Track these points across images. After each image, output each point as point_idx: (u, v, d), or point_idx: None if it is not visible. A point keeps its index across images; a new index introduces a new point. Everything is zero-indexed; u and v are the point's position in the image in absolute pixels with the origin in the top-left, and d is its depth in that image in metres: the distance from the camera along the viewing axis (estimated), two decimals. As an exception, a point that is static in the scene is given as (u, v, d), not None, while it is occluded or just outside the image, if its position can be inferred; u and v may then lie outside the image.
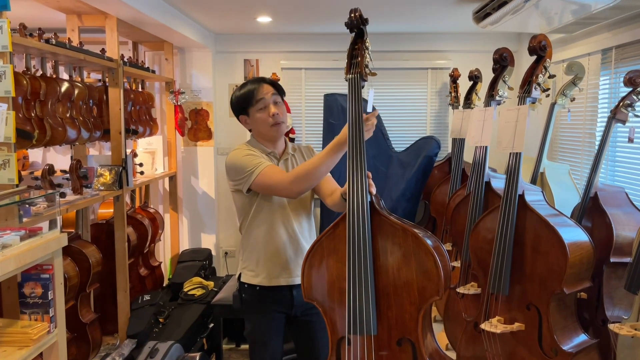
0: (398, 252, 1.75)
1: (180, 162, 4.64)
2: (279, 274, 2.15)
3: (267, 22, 4.10)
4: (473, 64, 3.99)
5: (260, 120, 2.13)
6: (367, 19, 1.88)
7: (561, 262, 2.20)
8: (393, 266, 1.75)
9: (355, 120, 1.85)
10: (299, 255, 2.16)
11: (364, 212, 1.76)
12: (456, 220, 3.05)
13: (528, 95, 2.36)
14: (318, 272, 1.87)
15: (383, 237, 1.78)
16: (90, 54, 2.89)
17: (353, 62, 1.92)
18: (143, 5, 3.16)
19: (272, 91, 2.14)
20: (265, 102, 2.11)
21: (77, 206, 2.75)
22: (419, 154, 4.15)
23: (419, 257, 1.72)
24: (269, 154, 2.17)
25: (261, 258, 2.15)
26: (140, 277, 3.85)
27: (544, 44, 2.37)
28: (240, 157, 2.10)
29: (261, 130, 2.16)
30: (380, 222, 1.79)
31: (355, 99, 1.88)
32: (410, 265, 1.73)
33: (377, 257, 1.78)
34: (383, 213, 1.79)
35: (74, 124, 2.80)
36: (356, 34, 1.94)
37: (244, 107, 2.15)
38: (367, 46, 1.90)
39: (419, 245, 1.72)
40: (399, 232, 1.76)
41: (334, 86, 4.59)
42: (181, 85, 4.56)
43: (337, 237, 1.85)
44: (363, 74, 1.89)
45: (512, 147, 2.35)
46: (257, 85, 2.12)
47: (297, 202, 2.19)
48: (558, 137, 4.08)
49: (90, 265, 2.90)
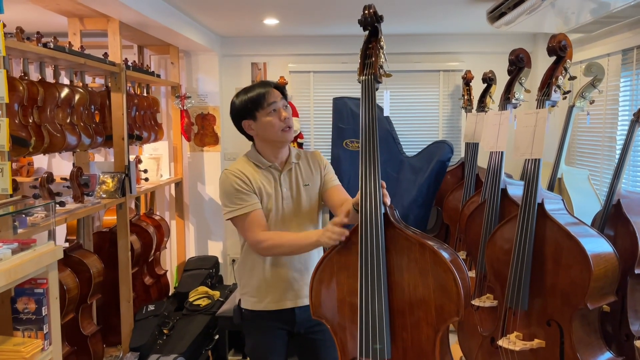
0: (414, 268, 1.62)
1: (187, 168, 4.55)
2: (284, 296, 2.01)
3: (274, 25, 4.00)
4: (486, 66, 3.86)
5: (270, 124, 1.97)
6: (382, 16, 1.75)
7: (584, 276, 2.06)
8: (409, 283, 1.63)
9: (368, 126, 1.72)
10: (304, 274, 2.01)
11: (378, 224, 1.63)
12: (471, 228, 2.92)
13: (547, 98, 2.24)
14: (328, 288, 1.74)
15: (398, 251, 1.65)
16: (91, 58, 2.80)
17: (367, 63, 1.79)
18: (146, 8, 3.07)
19: (281, 96, 2.02)
20: (276, 105, 1.98)
21: (77, 215, 2.66)
22: (431, 158, 4.02)
23: (437, 273, 1.59)
24: (269, 167, 2.02)
25: (263, 282, 2.01)
26: (145, 287, 3.76)
27: (564, 43, 2.25)
28: (229, 187, 1.95)
29: (269, 135, 2.00)
30: (395, 236, 1.66)
31: (369, 102, 1.74)
32: (428, 282, 1.60)
33: (392, 273, 1.65)
34: (398, 226, 1.66)
35: (74, 130, 2.71)
36: (370, 32, 1.81)
37: (252, 111, 1.98)
38: (382, 45, 1.76)
39: (437, 261, 1.59)
40: (415, 246, 1.63)
41: (343, 89, 4.48)
42: (187, 89, 4.47)
43: (348, 251, 1.72)
44: (377, 75, 1.75)
45: (530, 153, 2.22)
46: (267, 89, 1.98)
47: (302, 215, 2.04)
48: (576, 141, 3.94)
49: (91, 276, 2.81)
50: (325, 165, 2.13)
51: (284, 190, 2.02)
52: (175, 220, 4.51)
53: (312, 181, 2.08)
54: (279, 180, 2.03)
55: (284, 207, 2.00)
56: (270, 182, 2.01)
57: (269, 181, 2.01)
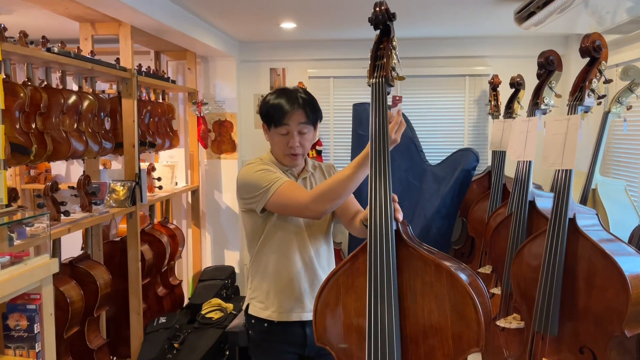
0: (429, 292, 1.45)
1: (203, 176, 4.47)
2: (291, 307, 1.90)
3: (291, 29, 3.89)
4: (514, 70, 3.66)
5: (277, 143, 1.93)
6: (394, 14, 1.60)
7: (621, 299, 1.86)
8: (423, 309, 1.45)
9: (378, 133, 1.56)
10: (314, 287, 1.90)
11: (389, 243, 1.47)
12: (496, 242, 2.73)
13: (580, 103, 2.04)
14: (333, 312, 1.58)
15: (412, 273, 1.48)
16: (98, 63, 2.72)
17: (377, 64, 1.63)
18: (159, 12, 2.99)
19: (302, 120, 1.88)
20: (289, 128, 1.88)
21: (82, 225, 2.57)
22: (456, 167, 3.83)
23: (455, 298, 1.41)
24: (285, 171, 1.94)
25: (272, 289, 1.92)
26: (158, 298, 3.66)
27: (598, 44, 2.06)
28: (254, 173, 1.87)
29: (275, 151, 1.97)
30: (408, 255, 1.49)
31: (380, 107, 1.58)
32: (444, 308, 1.42)
33: (404, 297, 1.48)
34: (411, 244, 1.49)
35: (80, 137, 2.63)
36: (381, 31, 1.66)
37: (268, 119, 1.92)
38: (394, 45, 1.61)
39: (454, 284, 1.41)
40: (430, 267, 1.45)
41: (363, 95, 4.34)
42: (204, 95, 4.39)
43: (356, 271, 1.56)
44: (389, 78, 1.59)
45: (561, 163, 2.04)
46: (291, 107, 1.86)
47: (315, 226, 1.95)
48: (612, 149, 3.69)
49: (98, 288, 2.72)
50: None
51: None
52: (192, 229, 4.42)
53: None
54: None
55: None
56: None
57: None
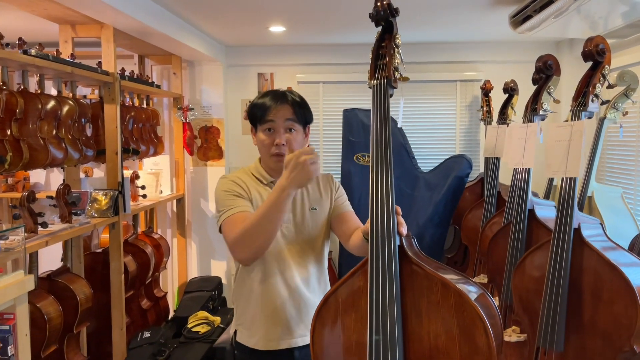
0: (435, 313, 1.33)
1: (189, 183, 4.34)
2: (278, 335, 1.76)
3: (280, 32, 3.79)
4: (506, 76, 3.60)
5: (262, 143, 1.76)
6: (397, 9, 1.47)
7: (630, 313, 1.79)
8: (429, 331, 1.34)
9: (381, 139, 1.44)
10: (303, 312, 1.77)
11: (392, 259, 1.35)
12: (494, 253, 2.65)
13: (584, 108, 1.97)
14: (332, 332, 1.47)
15: (416, 292, 1.36)
16: (79, 66, 2.60)
17: (379, 65, 1.51)
18: (142, 14, 2.87)
19: (288, 116, 1.74)
20: (274, 125, 1.73)
21: (60, 237, 2.44)
22: (449, 174, 3.75)
23: (463, 320, 1.30)
24: (270, 182, 1.78)
25: (257, 316, 1.76)
26: (142, 311, 3.52)
27: (602, 47, 1.99)
28: (220, 191, 1.74)
29: (261, 154, 1.81)
30: (412, 273, 1.37)
31: (381, 110, 1.46)
32: (452, 331, 1.31)
33: (408, 318, 1.36)
34: (416, 261, 1.37)
35: (59, 145, 2.50)
36: (383, 28, 1.53)
37: (253, 120, 1.79)
38: (398, 44, 1.48)
39: (463, 305, 1.29)
40: (436, 286, 1.33)
41: (354, 101, 4.26)
42: (190, 101, 4.27)
43: (356, 290, 1.43)
44: (391, 80, 1.47)
45: (565, 170, 1.96)
46: (275, 103, 1.73)
47: (304, 242, 1.78)
48: (606, 156, 3.65)
49: (77, 303, 2.58)
50: (337, 188, 1.88)
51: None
52: (177, 238, 4.28)
53: (320, 205, 1.82)
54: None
55: (283, 230, 1.74)
56: None
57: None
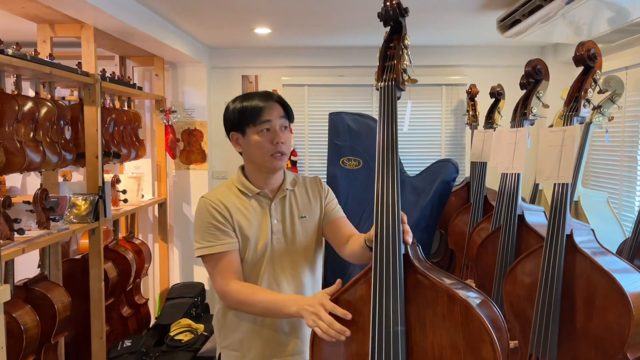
0: (441, 326, 1.28)
1: (171, 187, 4.24)
2: (271, 354, 1.67)
3: (265, 34, 3.73)
4: (491, 80, 3.61)
5: (259, 145, 1.65)
6: (406, 9, 1.42)
7: (623, 320, 1.77)
8: (433, 344, 1.29)
9: (388, 142, 1.38)
10: (297, 327, 1.69)
11: (396, 269, 1.30)
12: (483, 259, 2.62)
13: (576, 113, 1.96)
14: (331, 343, 1.40)
15: (421, 303, 1.31)
16: (58, 67, 2.51)
17: (387, 66, 1.46)
18: (124, 14, 2.79)
19: (282, 113, 1.68)
20: (271, 124, 1.65)
21: (38, 245, 2.35)
22: (435, 178, 3.72)
23: (470, 334, 1.25)
24: (257, 194, 1.69)
25: (246, 335, 1.68)
26: (122, 318, 3.42)
27: (593, 52, 1.98)
28: (199, 219, 1.66)
29: (255, 158, 1.68)
30: (417, 283, 1.32)
31: (389, 113, 1.41)
32: (457, 345, 1.26)
33: (412, 330, 1.31)
34: (422, 270, 1.32)
35: (37, 148, 2.40)
36: (392, 28, 1.48)
37: (242, 124, 1.67)
38: (407, 44, 1.44)
39: (470, 318, 1.24)
40: (442, 297, 1.28)
41: (339, 104, 4.23)
42: (173, 103, 4.18)
43: (358, 299, 1.38)
44: (399, 82, 1.42)
45: (557, 176, 1.94)
46: (267, 102, 1.66)
47: (297, 252, 1.71)
48: (591, 161, 3.66)
49: (56, 312, 2.48)
50: (327, 193, 1.80)
51: (274, 223, 1.69)
52: (159, 243, 4.19)
53: (310, 212, 1.75)
54: (269, 211, 1.70)
55: (273, 243, 1.68)
56: (257, 214, 1.68)
57: (256, 213, 1.68)
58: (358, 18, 3.29)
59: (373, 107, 4.33)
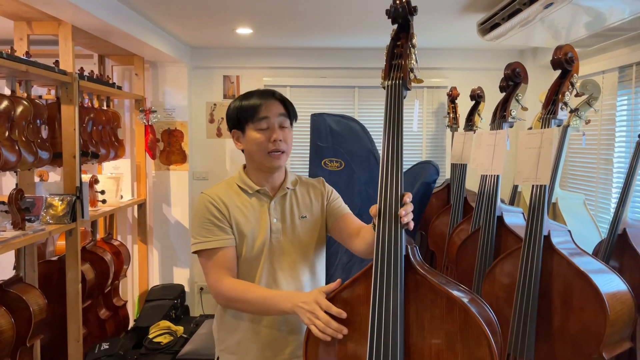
0: (439, 328, 1.28)
1: (151, 188, 4.20)
2: (271, 355, 1.64)
3: (247, 35, 3.72)
4: (471, 82, 3.64)
5: (257, 142, 1.63)
6: (415, 7, 1.40)
7: (599, 321, 1.80)
8: (430, 347, 1.29)
9: (394, 142, 1.39)
10: (297, 329, 1.64)
11: (397, 269, 1.30)
12: (463, 259, 2.64)
13: (553, 116, 1.99)
14: (327, 343, 1.38)
15: (420, 304, 1.30)
16: (35, 65, 2.46)
17: (394, 64, 1.44)
18: (102, 11, 2.75)
19: (281, 111, 1.66)
20: (269, 122, 1.62)
21: (13, 246, 2.30)
22: (416, 180, 3.74)
23: (468, 338, 1.25)
24: (257, 192, 1.67)
25: (244, 337, 1.64)
26: (100, 321, 3.37)
27: (570, 56, 2.00)
28: (197, 214, 1.65)
29: (254, 156, 1.66)
30: (417, 285, 1.31)
31: (395, 113, 1.40)
32: (455, 348, 1.26)
33: (409, 332, 1.30)
34: (421, 272, 1.31)
35: (12, 147, 2.36)
36: (399, 25, 1.46)
37: (240, 122, 1.66)
38: (414, 44, 1.43)
39: (468, 321, 1.24)
40: (442, 300, 1.28)
41: (321, 105, 4.23)
42: (153, 103, 4.14)
43: (355, 298, 1.37)
44: (407, 81, 1.41)
45: (535, 178, 1.96)
46: (265, 100, 1.64)
47: (296, 253, 1.67)
48: (569, 163, 3.72)
49: (31, 315, 2.43)
50: (330, 192, 1.78)
51: (273, 222, 1.65)
52: (138, 245, 4.14)
53: (311, 213, 1.72)
54: (269, 209, 1.66)
55: (272, 241, 1.64)
56: (255, 212, 1.65)
57: (255, 210, 1.66)
58: (340, 20, 3.30)
59: (355, 109, 4.34)
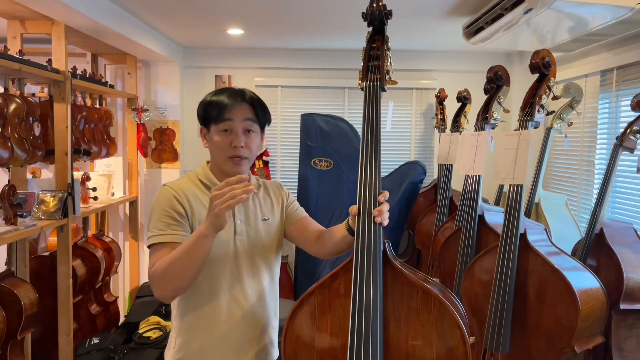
0: (415, 320, 1.33)
1: (143, 186, 4.25)
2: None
3: (238, 35, 3.77)
4: (459, 84, 3.71)
5: (217, 145, 1.57)
6: (390, 12, 1.46)
7: (571, 316, 1.87)
8: (407, 338, 1.34)
9: (372, 141, 1.44)
10: (258, 332, 1.63)
11: (376, 263, 1.33)
12: (445, 257, 2.71)
13: (530, 118, 2.06)
14: (306, 336, 1.42)
15: (397, 298, 1.35)
16: (28, 63, 2.51)
17: (371, 66, 1.49)
18: (96, 12, 2.80)
19: (248, 115, 1.58)
20: (231, 125, 1.56)
21: (4, 240, 2.35)
22: (403, 180, 3.82)
23: (442, 329, 1.30)
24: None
25: (207, 342, 1.57)
26: (91, 316, 3.42)
27: (547, 60, 2.08)
28: (156, 205, 1.54)
29: (215, 158, 1.62)
30: (394, 278, 1.36)
31: (373, 113, 1.46)
32: (430, 339, 1.31)
33: (387, 324, 1.34)
34: (397, 267, 1.36)
35: (5, 144, 2.41)
36: (375, 28, 1.51)
37: (205, 120, 1.60)
38: (389, 47, 1.49)
39: (443, 313, 1.30)
40: (417, 293, 1.33)
41: (312, 105, 4.30)
42: (145, 102, 4.19)
43: (334, 292, 1.41)
44: (384, 82, 1.47)
45: (512, 177, 2.03)
46: (233, 100, 1.57)
47: (255, 257, 1.62)
48: (552, 164, 3.80)
49: (22, 308, 2.48)
50: (288, 196, 1.78)
51: (237, 223, 1.61)
52: (129, 242, 4.18)
53: (272, 215, 1.70)
54: (233, 210, 1.59)
55: (237, 243, 1.60)
56: None
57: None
58: (330, 21, 3.36)
59: (345, 109, 4.41)
